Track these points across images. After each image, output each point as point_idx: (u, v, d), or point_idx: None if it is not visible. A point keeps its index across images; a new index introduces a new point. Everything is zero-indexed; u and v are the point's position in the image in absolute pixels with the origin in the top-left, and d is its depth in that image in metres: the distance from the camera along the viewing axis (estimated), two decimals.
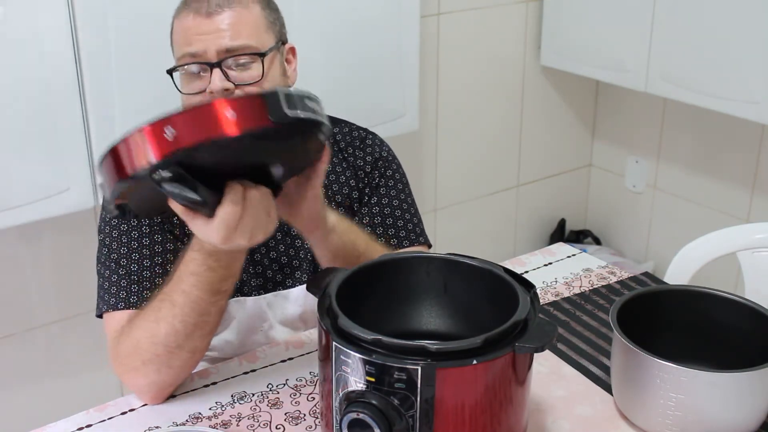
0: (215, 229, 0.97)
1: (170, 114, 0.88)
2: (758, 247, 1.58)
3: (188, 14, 1.21)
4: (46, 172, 1.71)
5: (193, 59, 1.20)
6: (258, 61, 1.21)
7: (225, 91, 1.18)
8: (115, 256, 1.24)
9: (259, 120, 0.89)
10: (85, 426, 1.14)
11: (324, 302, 1.00)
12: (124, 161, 0.90)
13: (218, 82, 1.18)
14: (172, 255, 1.25)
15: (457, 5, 2.42)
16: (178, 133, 0.86)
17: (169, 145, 0.87)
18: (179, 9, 1.24)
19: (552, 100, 2.76)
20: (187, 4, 1.23)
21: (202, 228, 0.98)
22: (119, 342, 1.17)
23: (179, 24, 1.23)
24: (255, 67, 1.21)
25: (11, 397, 2.01)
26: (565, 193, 2.95)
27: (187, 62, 1.20)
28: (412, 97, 2.19)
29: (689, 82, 2.19)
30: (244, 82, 1.20)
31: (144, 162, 0.88)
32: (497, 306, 1.02)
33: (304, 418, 1.14)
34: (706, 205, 2.58)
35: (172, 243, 1.27)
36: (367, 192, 1.40)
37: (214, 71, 1.19)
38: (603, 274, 1.53)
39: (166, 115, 0.88)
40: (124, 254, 1.24)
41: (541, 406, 1.16)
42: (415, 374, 0.89)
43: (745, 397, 1.02)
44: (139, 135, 0.88)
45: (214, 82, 1.18)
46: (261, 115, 0.89)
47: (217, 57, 1.19)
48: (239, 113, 0.87)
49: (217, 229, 0.97)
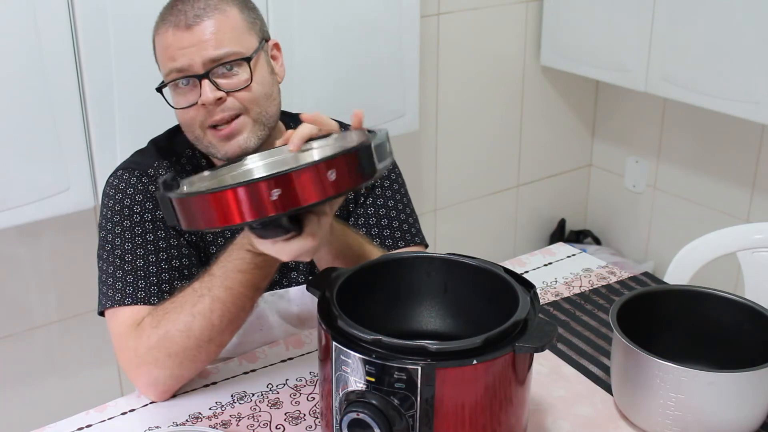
0: (289, 252, 1.01)
1: (280, 174, 0.90)
2: (758, 247, 1.58)
3: (167, 29, 1.21)
4: (46, 172, 1.71)
5: (180, 74, 1.21)
6: (245, 66, 1.22)
7: (217, 100, 1.20)
8: (119, 251, 1.24)
9: (355, 179, 0.95)
10: (85, 426, 1.14)
11: (324, 302, 1.00)
12: (224, 210, 0.92)
13: (209, 93, 1.19)
14: (176, 250, 1.26)
15: (457, 5, 2.42)
16: (283, 194, 0.90)
17: (276, 207, 0.91)
18: (157, 25, 1.24)
19: (552, 100, 2.76)
20: (164, 20, 1.22)
21: (273, 248, 1.02)
22: (139, 335, 1.16)
23: (160, 41, 1.23)
24: (243, 72, 1.22)
25: (11, 397, 2.01)
26: (565, 193, 2.95)
27: (174, 78, 1.21)
28: (412, 97, 2.19)
29: (689, 82, 2.19)
30: (234, 88, 1.21)
31: (253, 215, 0.91)
32: (497, 306, 1.02)
33: (304, 418, 1.14)
34: (706, 205, 2.58)
35: (176, 238, 1.27)
36: (363, 193, 1.40)
37: (203, 82, 1.19)
38: (603, 274, 1.53)
39: (278, 175, 0.90)
40: (128, 250, 1.24)
41: (541, 406, 1.16)
42: (415, 374, 0.89)
43: (745, 397, 1.02)
44: (250, 189, 0.91)
45: (205, 93, 1.19)
46: (355, 173, 0.95)
47: (203, 68, 1.20)
48: (338, 173, 0.92)
49: (290, 252, 1.01)
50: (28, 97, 1.66)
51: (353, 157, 0.94)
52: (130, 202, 1.26)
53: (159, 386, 1.17)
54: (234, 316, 1.14)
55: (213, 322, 1.13)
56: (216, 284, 1.12)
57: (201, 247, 1.32)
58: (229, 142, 1.23)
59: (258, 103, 1.24)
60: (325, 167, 0.91)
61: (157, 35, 1.24)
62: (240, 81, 1.22)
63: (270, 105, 1.27)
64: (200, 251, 1.32)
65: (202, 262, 1.31)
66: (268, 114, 1.26)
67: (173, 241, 1.26)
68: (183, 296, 1.15)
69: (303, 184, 0.90)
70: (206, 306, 1.12)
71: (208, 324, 1.13)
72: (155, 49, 1.26)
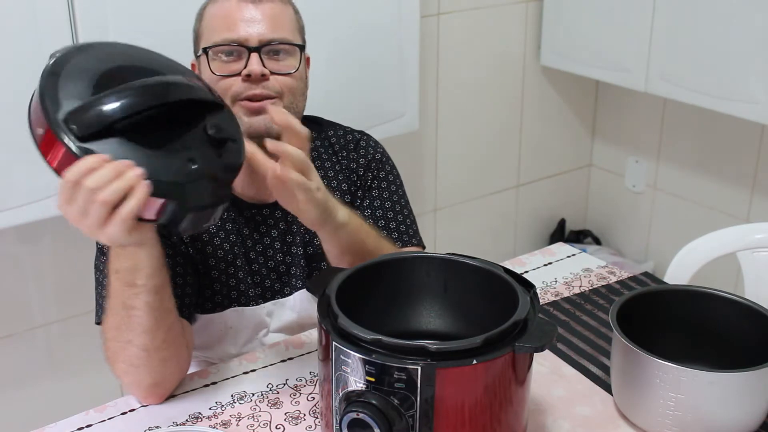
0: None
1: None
2: (758, 247, 1.58)
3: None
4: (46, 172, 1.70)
5: (233, 44, 1.23)
6: (294, 55, 1.27)
7: (262, 76, 1.23)
8: None
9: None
10: (85, 426, 1.14)
11: (324, 302, 1.00)
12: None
13: (256, 65, 1.22)
14: (170, 260, 1.25)
15: (457, 5, 2.42)
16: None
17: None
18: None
19: (552, 100, 2.77)
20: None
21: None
22: (104, 345, 1.18)
23: (218, 8, 1.26)
24: (290, 60, 1.27)
25: (11, 397, 2.01)
26: (565, 193, 2.95)
27: (226, 45, 1.24)
28: (412, 97, 2.19)
29: (689, 82, 2.19)
30: (279, 71, 1.25)
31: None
32: (497, 306, 1.02)
33: (304, 418, 1.14)
34: (706, 205, 2.58)
35: (170, 248, 1.26)
36: (360, 195, 1.40)
37: (252, 56, 1.23)
38: (603, 274, 1.53)
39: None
40: None
41: (541, 406, 1.16)
42: (415, 374, 0.89)
43: (745, 397, 1.02)
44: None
45: (252, 65, 1.22)
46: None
47: (257, 44, 1.23)
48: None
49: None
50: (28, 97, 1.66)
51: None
52: None
53: (136, 392, 1.17)
54: (127, 313, 1.08)
55: (117, 321, 1.10)
56: (107, 284, 1.11)
57: (197, 259, 1.31)
58: (257, 116, 1.24)
59: (294, 93, 1.28)
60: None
61: (213, 3, 1.27)
62: (286, 66, 1.27)
63: (300, 101, 1.31)
64: (196, 263, 1.31)
65: (199, 272, 1.31)
66: (296, 109, 1.29)
67: (168, 251, 1.26)
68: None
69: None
70: (108, 303, 1.11)
71: (115, 323, 1.10)
72: (203, 17, 1.28)
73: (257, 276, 1.35)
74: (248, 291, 1.34)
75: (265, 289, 1.36)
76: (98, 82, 0.99)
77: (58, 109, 0.96)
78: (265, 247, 1.35)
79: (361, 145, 1.42)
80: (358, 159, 1.41)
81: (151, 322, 1.10)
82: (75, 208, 0.96)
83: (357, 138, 1.43)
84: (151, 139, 0.98)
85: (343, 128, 1.45)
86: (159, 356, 1.13)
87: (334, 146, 1.41)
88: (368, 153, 1.41)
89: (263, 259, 1.35)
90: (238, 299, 1.34)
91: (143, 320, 1.09)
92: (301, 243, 1.36)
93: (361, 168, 1.40)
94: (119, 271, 1.06)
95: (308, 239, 1.36)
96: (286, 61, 1.27)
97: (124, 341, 1.11)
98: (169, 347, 1.14)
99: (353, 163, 1.40)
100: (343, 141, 1.42)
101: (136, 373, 1.13)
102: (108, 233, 0.96)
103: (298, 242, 1.36)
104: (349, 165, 1.40)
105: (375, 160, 1.41)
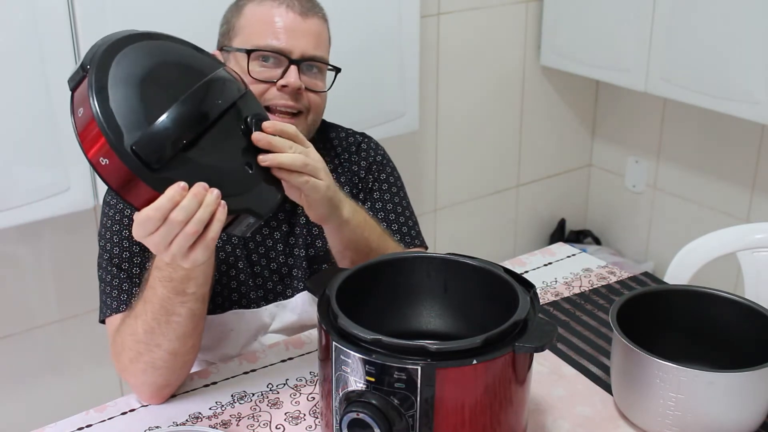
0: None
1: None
2: (758, 247, 1.58)
3: (278, 5, 1.25)
4: (46, 172, 1.71)
5: (276, 52, 1.24)
6: (325, 74, 1.30)
7: (296, 90, 1.24)
8: (117, 260, 1.24)
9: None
10: (85, 426, 1.14)
11: (324, 302, 1.00)
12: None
13: (294, 78, 1.23)
14: None
15: (457, 5, 2.42)
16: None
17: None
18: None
19: (552, 100, 2.76)
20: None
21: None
22: (114, 342, 1.18)
23: (262, 11, 1.26)
24: (321, 78, 1.29)
25: (11, 397, 2.01)
26: (565, 193, 2.95)
27: (270, 51, 1.24)
28: (412, 97, 2.19)
29: (689, 82, 2.19)
30: (312, 88, 1.27)
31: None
32: (497, 306, 1.02)
33: (304, 418, 1.14)
34: (706, 205, 2.58)
35: None
36: (361, 197, 1.40)
37: (291, 68, 1.24)
38: (603, 274, 1.53)
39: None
40: (126, 258, 1.24)
41: (541, 406, 1.16)
42: (415, 374, 0.89)
43: (745, 397, 1.02)
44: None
45: (291, 76, 1.23)
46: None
47: (299, 57, 1.24)
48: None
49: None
50: (28, 97, 1.66)
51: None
52: (130, 212, 1.26)
53: (141, 392, 1.17)
54: (167, 320, 1.09)
55: (150, 325, 1.09)
56: (146, 286, 1.10)
57: None
58: None
59: (318, 111, 1.30)
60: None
61: (259, 3, 1.26)
62: (318, 85, 1.29)
63: (318, 121, 1.33)
64: None
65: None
66: (314, 127, 1.31)
67: None
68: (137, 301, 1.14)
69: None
70: (141, 308, 1.10)
71: (147, 327, 1.10)
72: (244, 14, 1.27)
73: (259, 278, 1.35)
74: (250, 293, 1.34)
75: (267, 291, 1.36)
76: (146, 94, 0.94)
77: (121, 138, 0.90)
78: (268, 249, 1.35)
79: (362, 147, 1.42)
80: (359, 161, 1.41)
81: (189, 329, 1.11)
82: (158, 239, 0.94)
83: (358, 140, 1.43)
84: (203, 148, 0.96)
85: (345, 130, 1.45)
86: (183, 360, 1.14)
87: (336, 148, 1.41)
88: (369, 155, 1.41)
89: (265, 261, 1.35)
90: (240, 301, 1.34)
91: (182, 326, 1.10)
92: (303, 245, 1.36)
93: (362, 170, 1.40)
94: (173, 279, 1.05)
95: (310, 241, 1.36)
96: (318, 78, 1.29)
97: (153, 344, 1.11)
98: (195, 352, 1.16)
99: (354, 166, 1.40)
100: (344, 143, 1.42)
101: (154, 374, 1.14)
102: (191, 258, 0.96)
103: (301, 244, 1.36)
104: (350, 168, 1.40)
105: (376, 163, 1.41)
